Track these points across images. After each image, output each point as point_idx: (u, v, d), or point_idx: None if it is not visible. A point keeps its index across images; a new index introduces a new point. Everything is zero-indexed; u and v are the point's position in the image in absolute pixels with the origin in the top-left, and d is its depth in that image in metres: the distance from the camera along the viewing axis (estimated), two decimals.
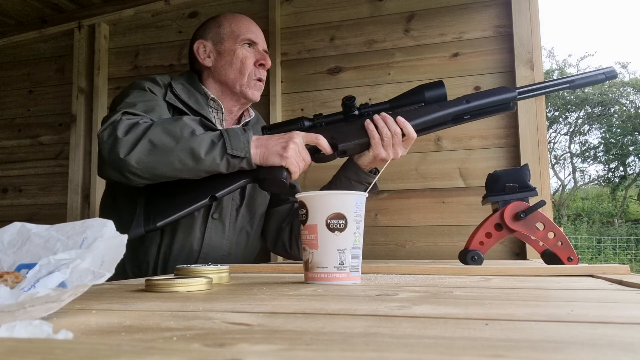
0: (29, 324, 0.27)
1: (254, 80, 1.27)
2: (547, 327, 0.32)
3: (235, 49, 1.25)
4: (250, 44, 1.28)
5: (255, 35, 1.30)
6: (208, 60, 1.27)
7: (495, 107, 1.10)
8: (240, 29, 1.28)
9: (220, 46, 1.26)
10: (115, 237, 0.43)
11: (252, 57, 1.26)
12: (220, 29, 1.28)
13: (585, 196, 15.25)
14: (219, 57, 1.26)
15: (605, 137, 15.18)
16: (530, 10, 1.76)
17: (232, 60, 1.25)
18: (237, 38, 1.26)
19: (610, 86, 15.14)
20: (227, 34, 1.27)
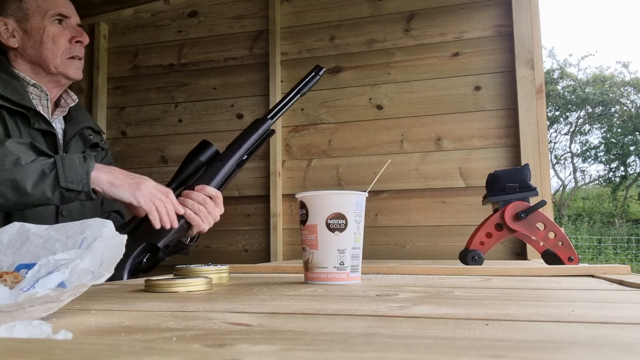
0: (28, 324, 0.27)
1: (69, 58, 1.13)
2: (548, 327, 0.32)
3: (44, 27, 1.10)
4: (61, 20, 1.13)
5: (66, 8, 1.15)
6: (13, 40, 1.10)
7: (262, 139, 1.17)
8: (47, 3, 1.12)
9: (26, 24, 1.10)
10: (115, 237, 0.43)
11: (65, 34, 1.12)
12: (23, 3, 1.11)
13: (586, 196, 15.25)
14: (26, 36, 1.11)
15: (605, 137, 15.18)
16: (531, 9, 1.76)
17: (42, 39, 1.10)
18: (46, 14, 1.11)
19: (611, 86, 15.14)
20: (32, 9, 1.11)
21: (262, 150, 2.00)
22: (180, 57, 2.14)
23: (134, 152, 2.14)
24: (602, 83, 15.24)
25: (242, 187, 2.01)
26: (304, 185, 1.93)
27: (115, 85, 2.21)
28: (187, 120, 2.10)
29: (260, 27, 2.05)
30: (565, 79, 15.65)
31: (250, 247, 1.98)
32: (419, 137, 1.84)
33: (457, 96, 1.82)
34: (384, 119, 1.88)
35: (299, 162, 1.95)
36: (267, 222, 1.95)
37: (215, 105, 2.07)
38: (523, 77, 1.74)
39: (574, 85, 15.51)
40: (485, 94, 1.80)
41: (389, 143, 1.87)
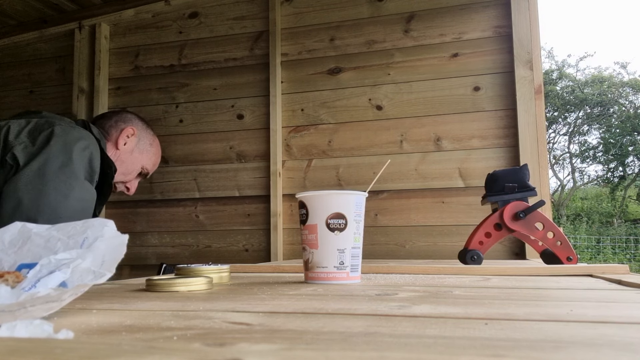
0: (29, 324, 0.27)
1: (115, 187, 1.48)
2: (547, 327, 0.32)
3: (137, 166, 1.48)
4: (142, 173, 1.52)
5: (151, 171, 1.55)
6: (121, 145, 1.42)
7: None
8: (153, 163, 1.53)
9: (137, 152, 1.47)
10: (116, 236, 0.43)
11: (132, 178, 1.50)
12: (150, 147, 1.51)
13: (585, 196, 15.25)
14: (127, 155, 1.44)
15: (604, 137, 15.18)
16: (530, 10, 1.76)
17: (128, 167, 1.45)
18: (145, 164, 1.49)
19: (609, 87, 15.14)
20: (148, 154, 1.50)
21: (263, 151, 2.00)
22: (181, 57, 2.14)
23: None
24: (601, 84, 15.25)
25: (243, 187, 2.01)
26: (304, 185, 1.93)
27: (116, 86, 2.21)
28: (187, 121, 2.10)
29: (261, 28, 2.05)
30: (563, 79, 15.65)
31: (250, 246, 1.98)
32: (419, 137, 1.84)
33: (457, 97, 1.82)
34: (383, 120, 1.88)
35: (299, 162, 1.95)
36: (267, 222, 1.95)
37: (216, 105, 2.07)
38: (522, 77, 1.74)
39: (573, 86, 15.52)
40: (485, 95, 1.80)
41: (388, 143, 1.87)
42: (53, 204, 1.10)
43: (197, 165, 2.06)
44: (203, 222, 2.04)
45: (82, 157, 1.18)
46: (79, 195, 1.15)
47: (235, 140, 2.03)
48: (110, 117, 1.47)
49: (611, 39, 34.95)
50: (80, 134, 1.23)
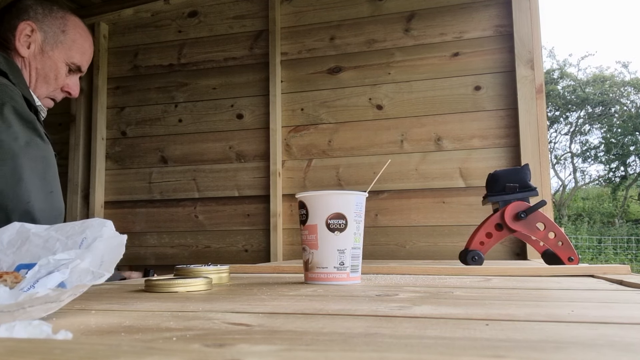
0: (28, 324, 0.27)
1: (49, 98, 1.13)
2: (548, 328, 0.32)
3: (59, 65, 1.11)
4: (72, 70, 1.15)
5: (86, 63, 1.18)
6: (24, 50, 1.07)
7: None
8: (79, 52, 1.14)
9: (49, 49, 1.10)
10: (115, 237, 0.43)
11: (64, 79, 1.14)
12: (63, 35, 1.12)
13: (586, 196, 15.25)
14: (40, 55, 1.09)
15: (605, 137, 15.18)
16: (531, 9, 1.76)
17: (48, 72, 1.10)
18: (69, 58, 1.13)
19: (610, 86, 15.14)
20: (65, 45, 1.12)
21: (262, 151, 2.00)
22: (180, 57, 2.14)
23: (134, 152, 2.14)
24: (602, 83, 15.24)
25: (242, 187, 2.01)
26: (304, 185, 1.93)
27: (115, 85, 2.21)
28: (187, 120, 2.10)
29: (260, 27, 2.05)
30: (565, 79, 15.65)
31: (250, 247, 1.98)
32: (419, 137, 1.84)
33: (457, 96, 1.82)
34: (384, 119, 1.88)
35: (299, 162, 1.95)
36: (267, 222, 1.95)
37: (215, 105, 2.07)
38: (523, 77, 1.74)
39: (574, 85, 15.51)
40: (485, 94, 1.80)
41: (389, 143, 1.87)
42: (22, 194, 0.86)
43: (197, 165, 2.06)
44: (202, 223, 2.04)
45: (7, 123, 0.89)
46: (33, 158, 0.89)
47: (235, 140, 2.03)
48: (2, 16, 1.10)
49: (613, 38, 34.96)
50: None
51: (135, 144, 2.15)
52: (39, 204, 0.88)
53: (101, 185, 2.14)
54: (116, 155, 2.17)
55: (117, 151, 2.17)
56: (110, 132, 2.18)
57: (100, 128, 2.16)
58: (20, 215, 0.86)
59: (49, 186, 0.91)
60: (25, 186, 0.87)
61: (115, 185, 2.14)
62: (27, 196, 0.87)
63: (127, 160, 2.15)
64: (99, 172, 2.13)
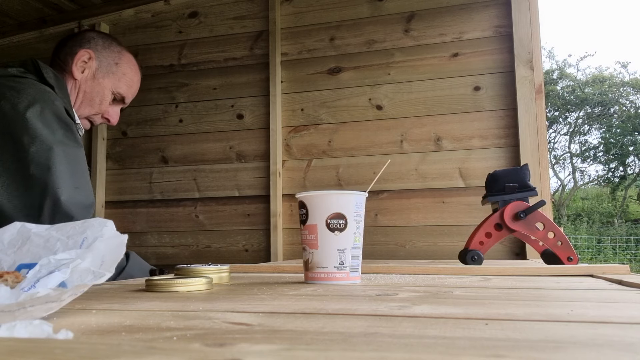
0: (29, 324, 0.27)
1: (87, 119, 1.22)
2: (547, 327, 0.32)
3: (106, 92, 1.20)
4: (117, 99, 1.24)
5: (131, 96, 1.28)
6: (78, 73, 1.17)
7: None
8: (127, 84, 1.24)
9: (100, 76, 1.19)
10: (115, 237, 0.43)
11: (107, 107, 1.22)
12: (116, 67, 1.22)
13: (585, 196, 15.25)
14: (91, 81, 1.18)
15: (605, 137, 15.18)
16: (530, 10, 1.76)
17: (93, 97, 1.19)
18: (117, 87, 1.22)
19: (610, 86, 15.14)
20: (115, 76, 1.22)
21: (263, 151, 2.00)
22: (180, 57, 2.14)
23: (135, 153, 2.14)
24: (601, 83, 15.25)
25: (243, 187, 2.01)
26: (304, 185, 1.93)
27: None
28: (187, 121, 2.10)
29: (261, 28, 2.05)
30: (564, 79, 15.65)
31: (250, 246, 1.98)
32: (419, 137, 1.84)
33: (457, 96, 1.82)
34: (383, 119, 1.88)
35: (299, 162, 1.95)
36: (267, 222, 1.95)
37: (216, 105, 2.07)
38: (522, 77, 1.74)
39: (573, 86, 15.51)
40: (485, 94, 1.80)
41: (388, 143, 1.87)
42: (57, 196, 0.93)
43: (197, 165, 2.06)
44: (203, 222, 2.04)
45: (46, 121, 0.98)
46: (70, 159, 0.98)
47: (235, 140, 2.03)
48: (66, 42, 1.21)
49: (612, 39, 34.97)
50: (32, 92, 1.01)
51: (135, 144, 2.15)
52: (66, 194, 0.95)
53: (102, 185, 2.14)
54: (117, 155, 2.17)
55: (118, 151, 2.17)
56: (111, 132, 2.18)
57: (101, 128, 2.16)
58: (52, 203, 0.93)
59: (77, 182, 0.98)
60: (55, 175, 0.94)
61: (115, 185, 2.14)
62: (56, 185, 0.94)
63: (127, 160, 2.15)
64: (100, 172, 2.13)
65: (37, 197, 0.93)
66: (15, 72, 1.06)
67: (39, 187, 0.93)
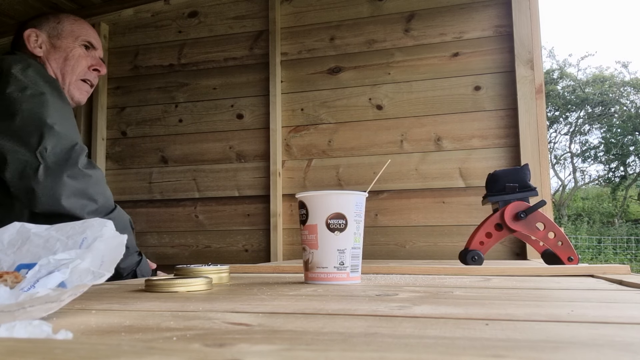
0: (28, 324, 0.27)
1: (82, 80, 1.24)
2: (547, 327, 0.32)
3: (72, 47, 1.22)
4: (88, 47, 1.25)
5: (95, 40, 1.28)
6: (38, 50, 1.20)
7: None
8: (81, 31, 1.26)
9: (57, 41, 1.22)
10: (115, 237, 0.43)
11: (87, 59, 1.24)
12: (60, 25, 1.24)
13: (586, 196, 15.25)
14: (53, 50, 1.21)
15: (605, 137, 15.17)
16: (531, 9, 1.76)
17: (67, 57, 1.21)
18: (77, 38, 1.24)
19: (610, 86, 15.14)
20: (66, 31, 1.24)
21: (262, 151, 2.00)
22: (180, 57, 2.14)
23: (134, 152, 2.14)
24: (602, 83, 15.24)
25: (242, 187, 2.01)
26: (304, 185, 1.93)
27: (116, 86, 2.21)
28: (187, 121, 2.10)
29: (260, 28, 2.05)
30: (564, 79, 15.65)
31: (250, 247, 1.98)
32: (419, 137, 1.84)
33: (457, 96, 1.82)
34: (384, 119, 1.88)
35: (299, 162, 1.95)
36: (267, 222, 1.95)
37: (216, 105, 2.07)
38: (523, 77, 1.74)
39: (574, 86, 15.51)
40: (485, 94, 1.80)
41: (388, 143, 1.87)
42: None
43: (197, 165, 2.06)
44: (202, 222, 2.04)
45: (27, 77, 1.06)
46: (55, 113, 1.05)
47: (235, 140, 2.03)
48: (15, 35, 1.25)
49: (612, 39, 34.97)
50: (7, 58, 1.09)
51: (135, 144, 2.15)
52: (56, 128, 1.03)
53: None
54: (116, 155, 2.17)
55: (118, 151, 2.17)
56: (111, 132, 2.18)
57: (101, 128, 2.16)
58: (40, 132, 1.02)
59: (61, 125, 1.05)
60: (47, 112, 1.03)
61: (115, 185, 2.14)
62: (45, 117, 1.03)
63: (127, 160, 2.15)
64: None
65: (33, 132, 1.01)
66: None
67: (32, 120, 1.02)
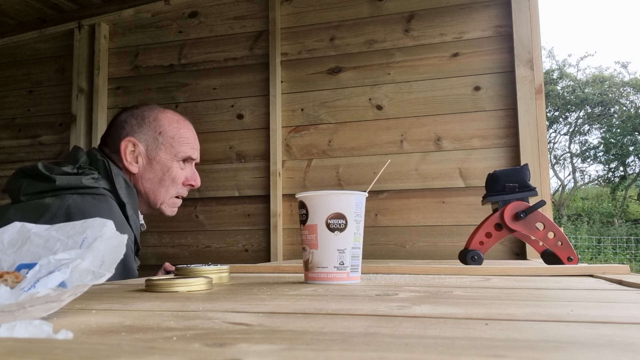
0: (29, 324, 0.27)
1: (174, 198, 1.15)
2: (547, 327, 0.32)
3: (170, 166, 1.11)
4: (185, 160, 1.15)
5: (194, 150, 1.17)
6: (134, 167, 1.09)
7: None
8: (181, 143, 1.13)
9: (155, 155, 1.10)
10: (115, 237, 0.43)
11: (183, 176, 1.14)
12: (161, 137, 1.11)
13: (585, 196, 15.25)
14: (149, 167, 1.10)
15: (605, 137, 15.18)
16: (530, 10, 1.76)
17: (162, 177, 1.11)
18: (177, 154, 1.12)
19: (610, 86, 15.14)
20: (166, 145, 1.11)
21: (263, 151, 2.00)
22: (180, 57, 2.14)
23: None
24: (602, 83, 15.25)
25: (243, 187, 2.01)
26: (304, 185, 1.93)
27: (116, 86, 2.21)
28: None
29: (261, 28, 2.05)
30: (564, 79, 15.65)
31: (250, 247, 1.98)
32: (419, 137, 1.84)
33: (457, 96, 1.82)
34: (383, 119, 1.88)
35: (299, 162, 1.95)
36: (267, 222, 1.95)
37: (216, 105, 2.07)
38: (522, 77, 1.74)
39: (573, 86, 15.51)
40: (485, 94, 1.80)
41: (388, 143, 1.87)
42: None
43: (197, 165, 2.06)
44: (203, 222, 2.04)
45: None
46: None
47: (235, 140, 2.03)
48: (106, 140, 1.13)
49: (612, 39, 34.98)
50: None
51: None
52: None
53: None
54: None
55: None
56: None
57: (101, 128, 2.16)
58: None
59: None
60: None
61: None
62: None
63: None
64: None
65: None
66: (90, 182, 0.99)
67: None
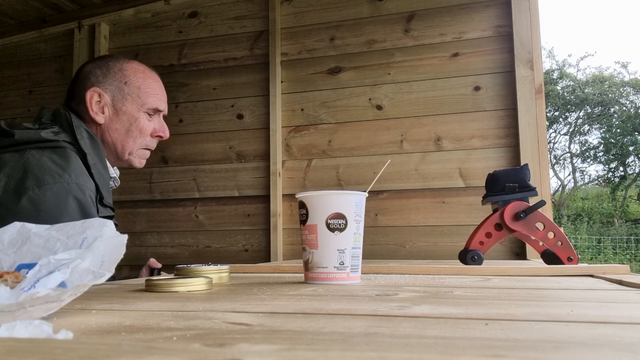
0: (29, 324, 0.27)
1: (142, 149, 1.14)
2: (547, 327, 0.32)
3: (137, 117, 1.10)
4: (151, 114, 1.14)
5: (162, 102, 1.16)
6: (100, 117, 1.08)
7: None
8: (148, 95, 1.12)
9: (121, 106, 1.09)
10: (115, 237, 0.43)
11: (150, 127, 1.13)
12: (127, 87, 1.10)
13: (585, 196, 15.25)
14: (116, 117, 1.09)
15: (605, 137, 15.18)
16: (530, 10, 1.76)
17: (129, 127, 1.10)
18: (143, 105, 1.11)
19: (610, 86, 15.14)
20: (132, 95, 1.10)
21: (263, 151, 2.00)
22: (180, 57, 2.14)
23: None
24: (601, 83, 15.25)
25: (243, 187, 2.01)
26: (304, 185, 1.93)
27: None
28: (187, 121, 2.10)
29: (261, 28, 2.05)
30: (564, 79, 15.65)
31: (250, 247, 1.98)
32: (419, 137, 1.84)
33: (457, 96, 1.82)
34: (383, 119, 1.88)
35: (299, 162, 1.95)
36: (267, 222, 1.95)
37: (216, 105, 2.07)
38: (522, 77, 1.74)
39: (573, 86, 15.51)
40: (485, 94, 1.80)
41: (388, 143, 1.87)
42: None
43: (197, 165, 2.06)
44: (203, 222, 2.04)
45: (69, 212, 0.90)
46: None
47: (235, 140, 2.03)
48: (74, 83, 1.10)
49: (612, 39, 34.98)
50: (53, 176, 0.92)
51: None
52: None
53: None
54: None
55: None
56: None
57: None
58: None
59: None
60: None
61: None
62: None
63: None
64: None
65: None
66: (49, 135, 0.98)
67: None
